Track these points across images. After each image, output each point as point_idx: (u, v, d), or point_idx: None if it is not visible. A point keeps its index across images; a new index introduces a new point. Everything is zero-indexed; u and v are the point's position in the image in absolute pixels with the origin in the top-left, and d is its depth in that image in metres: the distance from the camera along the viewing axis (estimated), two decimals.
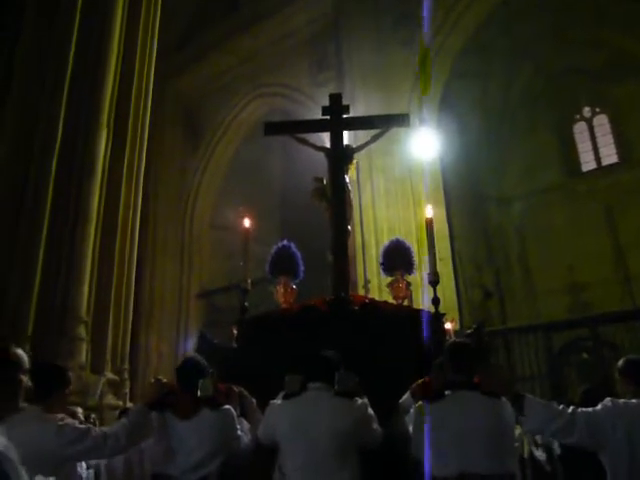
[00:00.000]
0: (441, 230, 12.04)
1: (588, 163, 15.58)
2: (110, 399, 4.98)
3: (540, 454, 7.24)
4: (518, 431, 7.95)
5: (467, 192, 13.98)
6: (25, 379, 1.74)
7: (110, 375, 5.10)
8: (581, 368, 12.34)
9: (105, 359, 5.05)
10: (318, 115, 4.95)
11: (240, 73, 15.18)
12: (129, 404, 5.29)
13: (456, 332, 4.75)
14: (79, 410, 4.28)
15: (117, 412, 5.03)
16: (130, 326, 5.63)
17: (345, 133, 4.87)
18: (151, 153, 15.94)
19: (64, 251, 4.90)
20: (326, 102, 4.94)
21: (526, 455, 8.17)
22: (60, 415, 2.55)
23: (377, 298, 5.37)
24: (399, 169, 11.96)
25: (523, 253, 14.98)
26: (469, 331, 4.11)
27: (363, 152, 5.21)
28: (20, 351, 1.75)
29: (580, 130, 15.86)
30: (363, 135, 5.22)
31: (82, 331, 4.82)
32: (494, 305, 13.98)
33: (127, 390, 5.33)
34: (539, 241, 14.46)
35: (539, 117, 15.12)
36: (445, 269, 11.94)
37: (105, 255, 5.32)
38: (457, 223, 13.00)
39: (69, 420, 2.58)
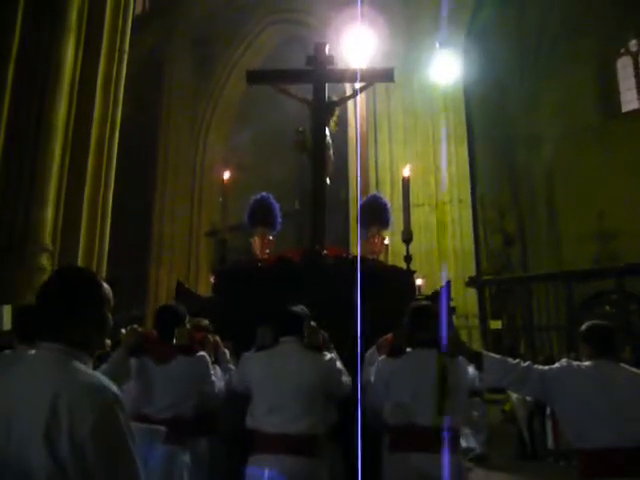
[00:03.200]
0: (462, 170, 11.23)
1: (630, 103, 14.31)
2: None
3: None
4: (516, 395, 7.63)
5: (494, 130, 12.99)
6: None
7: None
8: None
9: None
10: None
11: None
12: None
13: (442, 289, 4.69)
14: None
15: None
16: (106, 257, 5.16)
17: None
18: (161, 82, 15.44)
19: (24, 168, 4.39)
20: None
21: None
22: None
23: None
24: (420, 102, 11.06)
25: (551, 197, 14.07)
26: (433, 293, 4.27)
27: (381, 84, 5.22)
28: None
29: (624, 65, 14.50)
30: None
31: (44, 261, 4.35)
32: (515, 252, 13.26)
33: None
34: (569, 185, 13.50)
35: (579, 49, 13.74)
36: (464, 212, 11.21)
37: (75, 174, 4.80)
38: (481, 163, 12.13)
39: None
